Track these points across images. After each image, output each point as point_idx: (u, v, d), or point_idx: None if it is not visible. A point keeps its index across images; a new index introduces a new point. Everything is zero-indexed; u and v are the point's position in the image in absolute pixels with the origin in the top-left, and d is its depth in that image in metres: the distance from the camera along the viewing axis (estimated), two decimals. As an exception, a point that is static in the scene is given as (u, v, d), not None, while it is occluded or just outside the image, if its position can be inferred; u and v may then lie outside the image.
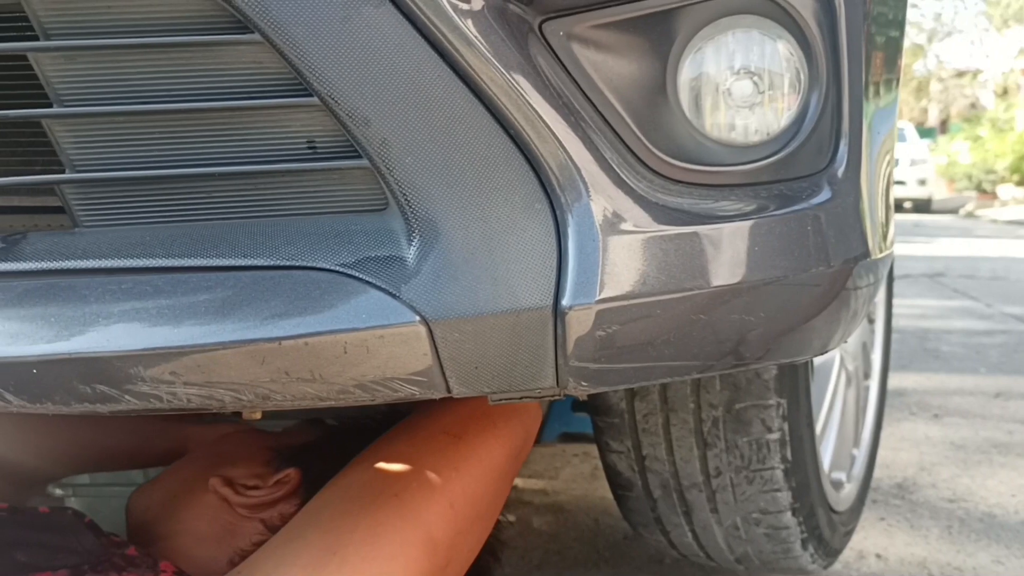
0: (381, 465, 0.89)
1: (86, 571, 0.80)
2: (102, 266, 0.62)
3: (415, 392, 0.62)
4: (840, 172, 0.73)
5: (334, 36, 0.59)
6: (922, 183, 15.54)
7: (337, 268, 0.61)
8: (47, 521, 0.89)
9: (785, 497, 1.14)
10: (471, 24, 0.60)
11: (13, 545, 0.80)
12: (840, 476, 1.44)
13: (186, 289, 0.61)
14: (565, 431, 1.64)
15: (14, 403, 0.60)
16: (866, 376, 1.69)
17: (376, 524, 0.81)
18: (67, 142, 0.62)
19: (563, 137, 0.63)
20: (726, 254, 0.67)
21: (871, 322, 1.73)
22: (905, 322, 3.90)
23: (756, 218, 0.69)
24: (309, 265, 0.61)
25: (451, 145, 0.61)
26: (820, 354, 0.80)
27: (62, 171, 0.63)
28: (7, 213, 0.68)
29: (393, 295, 0.60)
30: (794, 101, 0.71)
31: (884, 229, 0.83)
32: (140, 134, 0.62)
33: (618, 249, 0.64)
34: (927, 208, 15.73)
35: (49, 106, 0.62)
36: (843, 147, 0.73)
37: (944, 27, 25.67)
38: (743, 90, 0.69)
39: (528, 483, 1.93)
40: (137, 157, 0.63)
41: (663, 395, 1.10)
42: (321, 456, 0.99)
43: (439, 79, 0.60)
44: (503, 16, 0.62)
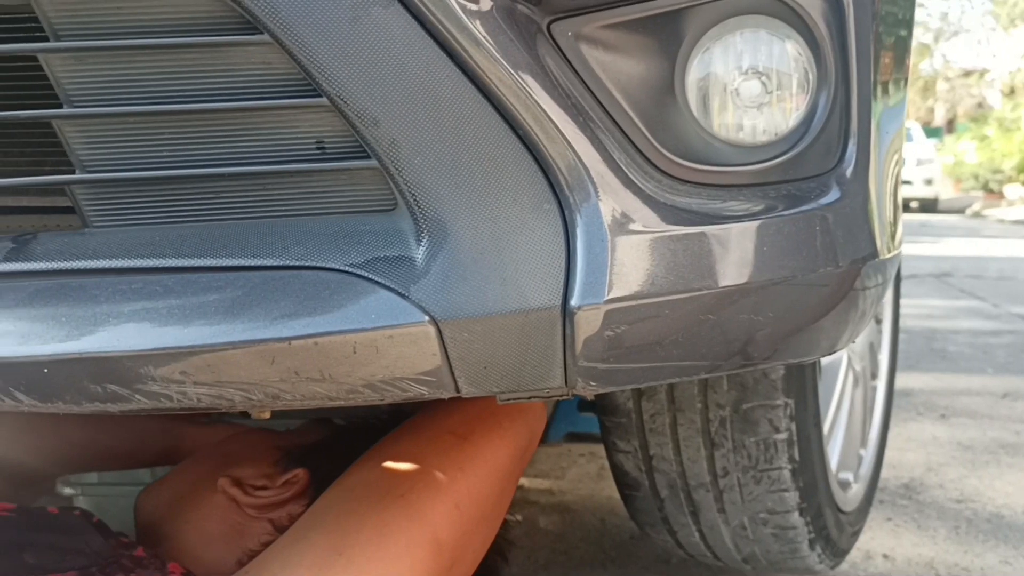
0: (387, 465, 0.90)
1: (94, 573, 0.80)
2: (112, 266, 0.62)
3: (424, 392, 0.62)
4: (848, 172, 0.73)
5: (343, 37, 0.59)
6: (928, 183, 15.51)
7: (346, 268, 0.61)
8: (56, 522, 0.89)
9: (792, 497, 1.14)
10: (480, 24, 0.60)
11: (22, 547, 0.81)
12: (847, 476, 1.44)
13: (196, 289, 0.61)
14: (571, 431, 1.64)
15: (25, 403, 0.60)
16: (873, 376, 1.69)
17: (382, 524, 0.81)
18: (77, 143, 0.63)
19: (572, 137, 0.63)
20: (734, 254, 0.67)
21: (878, 322, 1.73)
22: (912, 322, 3.89)
23: (764, 218, 0.69)
24: (318, 265, 0.62)
25: (460, 145, 0.61)
26: (828, 354, 0.80)
27: (72, 172, 0.64)
28: (17, 213, 0.68)
29: (402, 295, 0.60)
30: (802, 101, 0.71)
31: (892, 229, 0.83)
32: (150, 134, 0.62)
33: (626, 249, 0.64)
34: (933, 208, 15.70)
35: (59, 107, 0.62)
36: (852, 147, 0.73)
37: (951, 26, 25.62)
38: (751, 90, 0.69)
39: (534, 483, 1.93)
40: (147, 157, 0.63)
41: (670, 395, 1.10)
42: (329, 456, 0.99)
43: (448, 79, 0.60)
44: (511, 17, 0.62)
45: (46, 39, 0.60)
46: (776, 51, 0.69)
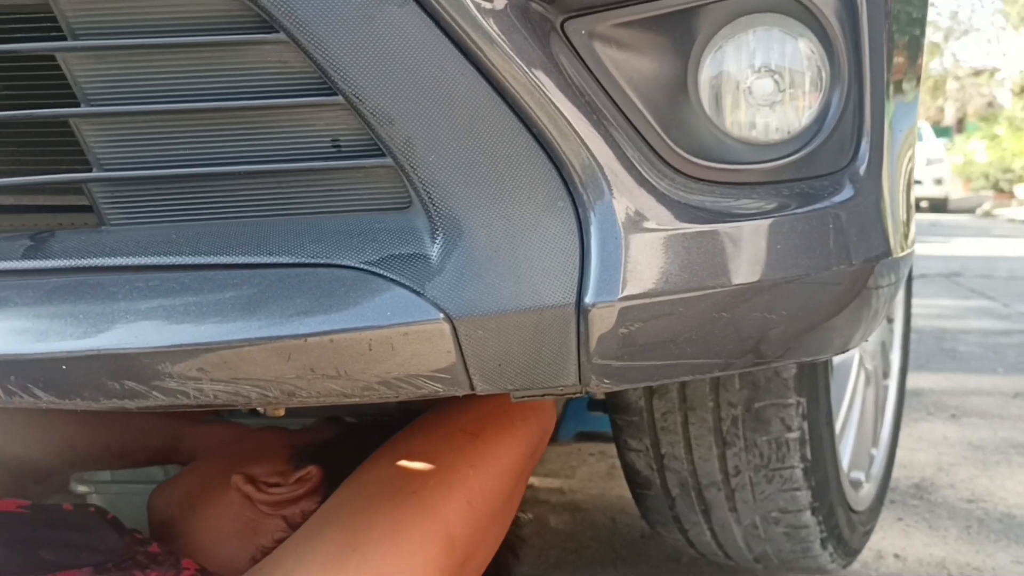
0: (400, 462, 0.90)
1: (109, 569, 0.80)
2: (129, 263, 0.63)
3: (439, 389, 0.63)
4: (862, 170, 0.73)
5: (358, 35, 0.59)
6: (938, 182, 15.46)
7: (362, 266, 0.62)
8: (71, 519, 0.89)
9: (805, 496, 1.13)
10: (494, 23, 0.61)
11: (38, 543, 0.81)
12: (859, 475, 1.44)
13: (212, 286, 0.61)
14: (581, 430, 1.64)
15: (44, 399, 0.61)
16: (885, 375, 1.69)
17: (395, 521, 0.82)
18: (95, 141, 0.63)
19: (585, 135, 0.63)
20: (748, 252, 0.67)
21: (890, 321, 1.73)
22: (922, 322, 3.88)
23: (777, 216, 0.69)
24: (334, 263, 0.62)
25: (474, 143, 0.61)
26: (840, 353, 0.80)
27: (89, 170, 0.64)
28: (35, 212, 0.69)
29: (417, 293, 0.61)
30: (815, 99, 0.71)
31: (905, 228, 0.83)
32: (167, 133, 0.63)
33: (640, 247, 0.64)
34: (943, 207, 15.64)
35: (77, 106, 0.62)
36: (865, 145, 0.73)
37: (961, 25, 25.50)
38: (764, 88, 0.70)
39: (544, 482, 1.93)
40: (164, 156, 0.63)
41: (682, 393, 1.10)
42: (341, 453, 1.00)
43: (462, 78, 0.61)
44: (525, 15, 0.62)
45: (64, 38, 0.61)
46: (789, 49, 0.69)
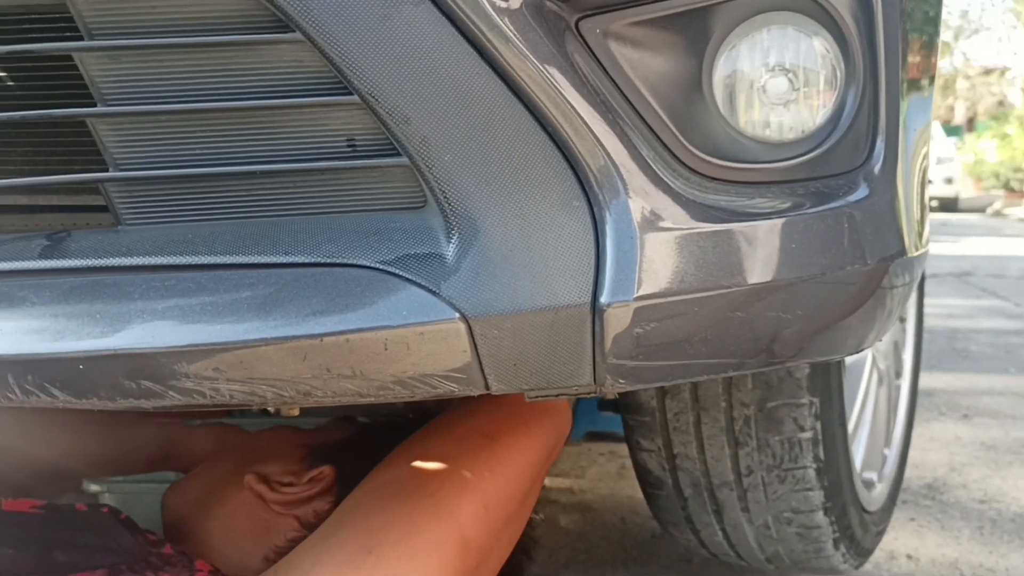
0: (416, 464, 0.90)
1: (123, 571, 0.80)
2: (146, 263, 0.63)
3: (454, 389, 0.63)
4: (876, 169, 0.73)
5: (374, 35, 0.59)
6: (949, 182, 15.40)
7: (377, 265, 0.62)
8: (84, 519, 0.89)
9: (817, 496, 1.13)
10: (509, 22, 0.60)
11: (51, 545, 0.81)
12: (871, 476, 1.43)
13: (228, 286, 0.62)
14: (591, 430, 1.64)
15: (61, 398, 0.61)
16: (897, 375, 1.68)
17: (411, 523, 0.82)
18: (111, 141, 0.63)
19: (600, 134, 0.63)
20: (762, 251, 0.67)
21: (902, 321, 1.72)
22: (933, 322, 3.86)
23: (792, 215, 0.69)
24: (350, 262, 0.62)
25: (490, 142, 0.61)
26: (854, 353, 0.79)
27: (105, 169, 0.64)
28: (51, 212, 0.69)
29: (433, 292, 0.61)
30: (830, 98, 0.70)
31: (919, 227, 0.82)
32: (183, 132, 0.63)
33: (655, 246, 0.64)
34: (954, 207, 15.58)
35: (93, 105, 0.62)
36: (879, 144, 0.73)
37: (971, 24, 25.37)
38: (778, 87, 0.69)
39: (554, 482, 1.93)
40: (180, 155, 0.63)
41: (694, 393, 1.09)
42: (354, 453, 1.00)
43: (478, 77, 0.61)
44: (540, 14, 0.62)
45: (80, 38, 0.61)
46: (803, 48, 0.69)
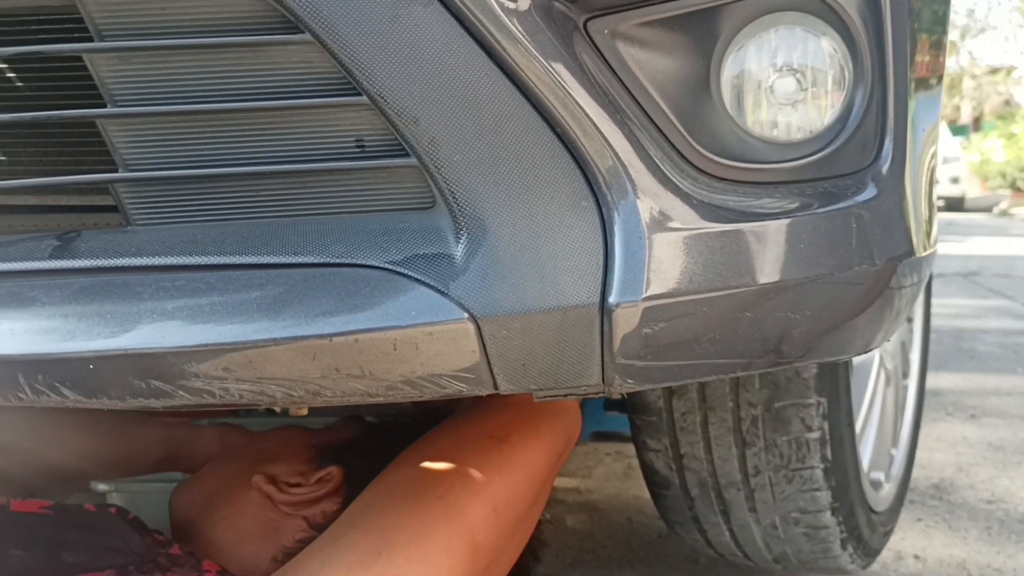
0: (426, 466, 0.90)
1: (131, 571, 0.81)
2: (155, 263, 0.63)
3: (463, 389, 0.63)
4: (885, 169, 0.73)
5: (383, 35, 0.59)
6: (955, 181, 15.34)
7: (386, 266, 0.62)
8: (93, 520, 0.90)
9: (825, 496, 1.13)
10: (517, 22, 0.61)
11: (60, 545, 0.81)
12: (879, 476, 1.43)
13: (238, 286, 0.62)
14: (598, 430, 1.64)
15: (71, 398, 0.61)
16: (905, 375, 1.68)
17: (421, 526, 0.81)
18: (121, 141, 0.63)
19: (609, 135, 0.63)
20: (771, 251, 0.67)
21: (909, 321, 1.72)
22: (940, 322, 3.85)
23: (800, 215, 0.68)
24: (359, 263, 0.62)
25: (498, 143, 0.61)
26: (862, 353, 0.79)
27: (114, 170, 0.64)
28: (60, 212, 0.69)
29: (442, 292, 0.61)
30: (838, 98, 0.70)
31: (928, 227, 0.82)
32: (193, 133, 0.63)
33: (664, 246, 0.64)
34: (960, 206, 15.53)
35: (103, 106, 0.63)
36: (888, 144, 0.73)
37: (977, 23, 25.29)
38: (786, 87, 0.69)
39: (561, 482, 1.93)
40: (190, 156, 0.63)
41: (701, 393, 1.09)
42: (362, 454, 1.00)
43: (486, 78, 0.61)
44: (549, 15, 0.62)
45: (90, 39, 0.61)
46: (811, 48, 0.69)
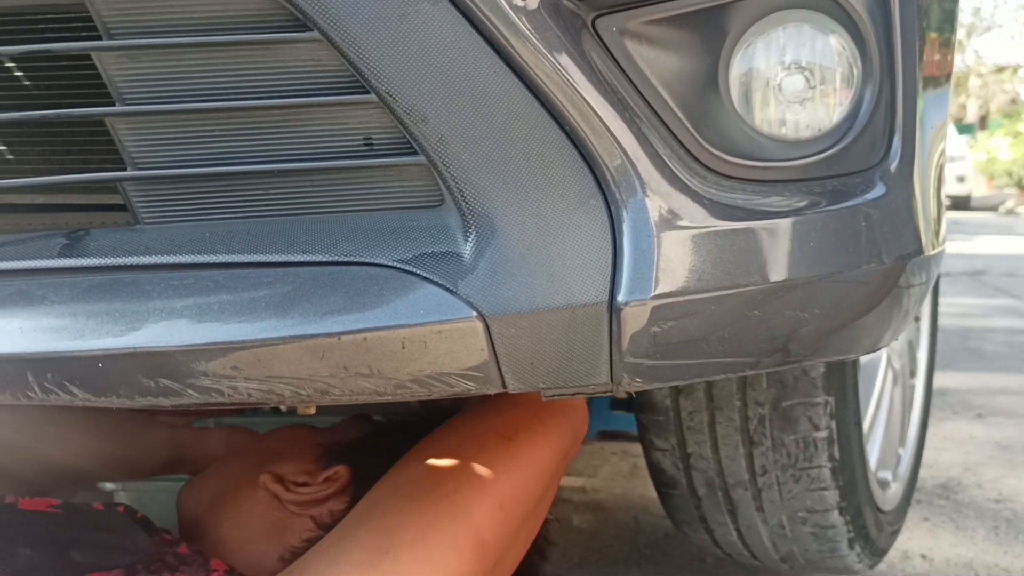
0: (432, 464, 0.90)
1: (139, 570, 0.81)
2: (164, 262, 0.63)
3: (471, 387, 0.63)
4: (893, 167, 0.73)
5: (392, 33, 0.59)
6: (961, 180, 15.28)
7: (395, 264, 0.62)
8: (101, 519, 0.90)
9: (832, 496, 1.13)
10: (526, 20, 0.60)
11: (68, 544, 0.82)
12: (886, 475, 1.43)
13: (246, 285, 0.62)
14: (604, 429, 1.64)
15: (80, 396, 0.61)
16: (912, 374, 1.68)
17: (428, 525, 0.81)
18: (129, 140, 0.63)
19: (617, 133, 0.63)
20: (779, 250, 0.67)
21: (917, 320, 1.71)
22: (947, 321, 3.84)
23: (809, 214, 0.68)
24: (367, 261, 0.62)
25: (507, 141, 0.61)
26: (870, 352, 0.79)
27: (122, 168, 0.64)
28: (68, 211, 0.69)
29: (450, 291, 0.61)
30: (846, 96, 0.70)
31: (936, 226, 0.82)
32: (201, 131, 0.63)
33: (672, 245, 0.63)
34: (966, 205, 15.47)
35: (111, 104, 0.63)
36: (896, 142, 0.73)
37: (983, 22, 25.18)
38: (794, 85, 0.69)
39: (567, 481, 1.93)
40: (198, 154, 0.63)
41: (709, 392, 1.09)
42: (369, 453, 1.00)
43: (495, 76, 0.61)
44: (557, 12, 0.62)
45: (99, 38, 0.61)
46: (820, 46, 0.69)
